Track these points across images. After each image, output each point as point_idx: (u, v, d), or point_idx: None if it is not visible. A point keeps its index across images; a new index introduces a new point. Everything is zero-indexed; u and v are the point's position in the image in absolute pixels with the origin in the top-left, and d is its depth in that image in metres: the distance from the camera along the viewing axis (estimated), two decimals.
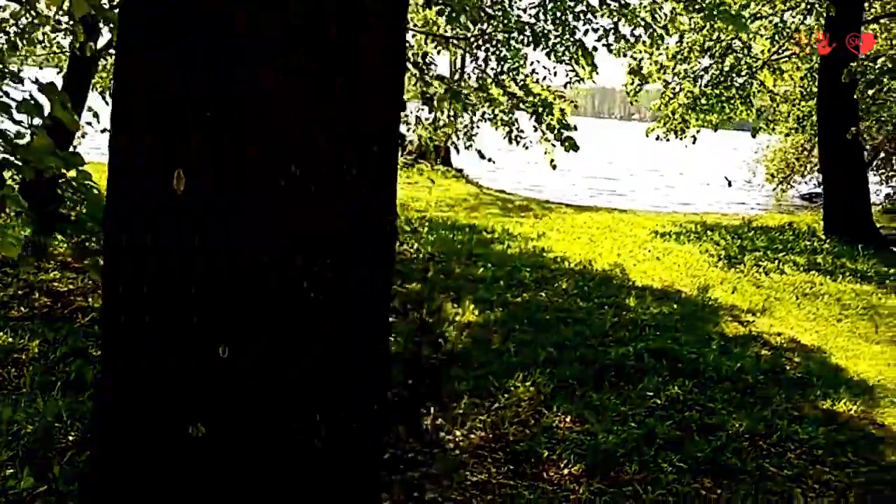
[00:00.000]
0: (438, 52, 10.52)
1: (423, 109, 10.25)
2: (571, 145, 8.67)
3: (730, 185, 29.27)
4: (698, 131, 15.24)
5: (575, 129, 10.20)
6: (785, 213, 18.31)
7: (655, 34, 7.43)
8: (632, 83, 12.91)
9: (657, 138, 14.35)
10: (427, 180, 17.05)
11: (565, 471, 3.64)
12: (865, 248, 10.93)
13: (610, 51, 8.81)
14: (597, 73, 9.41)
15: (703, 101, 13.94)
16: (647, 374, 4.97)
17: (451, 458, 3.69)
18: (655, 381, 4.84)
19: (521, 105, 8.77)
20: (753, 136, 15.30)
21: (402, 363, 4.85)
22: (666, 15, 7.60)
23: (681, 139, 14.59)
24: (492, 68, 8.87)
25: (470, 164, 24.86)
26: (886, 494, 3.62)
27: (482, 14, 8.39)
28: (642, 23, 7.44)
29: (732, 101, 14.12)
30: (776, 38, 12.88)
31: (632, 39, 8.03)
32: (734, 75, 13.68)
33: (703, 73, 13.26)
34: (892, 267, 9.86)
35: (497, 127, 10.21)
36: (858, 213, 12.10)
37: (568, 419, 4.25)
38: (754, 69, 13.45)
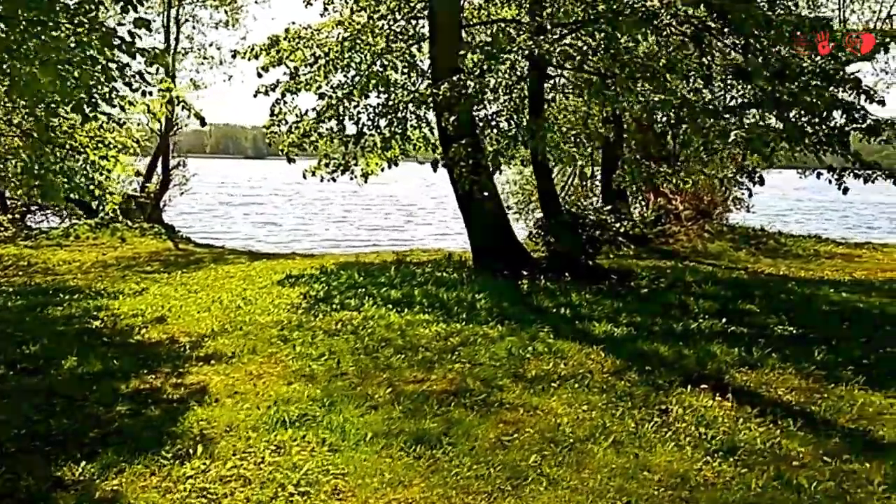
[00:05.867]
0: None
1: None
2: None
3: None
4: (383, 169, 15.04)
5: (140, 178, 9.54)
6: None
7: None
8: (271, 124, 12.56)
9: (322, 179, 13.88)
10: (118, 239, 16.03)
11: None
12: (490, 275, 10.82)
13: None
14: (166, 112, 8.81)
15: (368, 137, 13.77)
16: None
17: None
18: None
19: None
20: (434, 171, 15.21)
21: None
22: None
23: (353, 178, 14.24)
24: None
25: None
26: None
27: None
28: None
29: (399, 137, 13.99)
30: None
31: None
32: (391, 112, 13.56)
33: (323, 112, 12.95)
34: (491, 292, 9.60)
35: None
36: (500, 239, 12.07)
37: None
38: (399, 106, 13.37)
